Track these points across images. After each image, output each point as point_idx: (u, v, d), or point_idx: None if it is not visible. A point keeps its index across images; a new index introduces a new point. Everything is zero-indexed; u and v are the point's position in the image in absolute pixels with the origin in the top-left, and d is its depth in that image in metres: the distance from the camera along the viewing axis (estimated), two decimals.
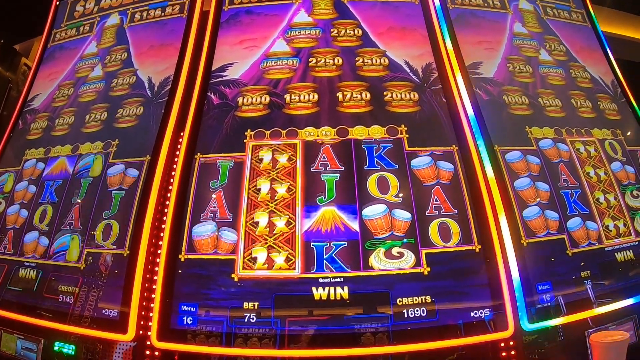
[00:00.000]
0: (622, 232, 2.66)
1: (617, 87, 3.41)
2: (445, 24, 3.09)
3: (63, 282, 2.48)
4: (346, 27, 3.06)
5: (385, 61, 2.91)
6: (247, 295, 2.20)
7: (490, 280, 2.24)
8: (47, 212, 2.74)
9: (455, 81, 2.84)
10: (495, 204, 2.42)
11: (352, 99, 2.74)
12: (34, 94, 3.46)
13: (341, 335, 2.13)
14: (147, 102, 2.93)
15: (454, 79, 2.84)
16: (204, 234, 2.37)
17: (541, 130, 2.83)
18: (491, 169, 2.53)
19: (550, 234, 2.47)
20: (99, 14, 3.59)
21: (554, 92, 3.09)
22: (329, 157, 2.53)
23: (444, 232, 2.33)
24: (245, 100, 2.77)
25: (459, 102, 2.75)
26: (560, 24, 3.56)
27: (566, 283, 2.37)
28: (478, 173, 2.49)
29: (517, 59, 3.16)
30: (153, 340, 2.17)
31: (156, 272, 2.31)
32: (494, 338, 2.16)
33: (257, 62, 2.94)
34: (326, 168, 2.50)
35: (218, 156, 2.58)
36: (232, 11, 3.19)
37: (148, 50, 3.19)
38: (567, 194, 2.64)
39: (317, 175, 2.49)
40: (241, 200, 2.44)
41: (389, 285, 2.20)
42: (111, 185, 2.65)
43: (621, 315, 2.42)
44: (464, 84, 2.83)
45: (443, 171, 2.51)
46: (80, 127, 3.02)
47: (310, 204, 2.41)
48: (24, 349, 2.47)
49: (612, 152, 2.96)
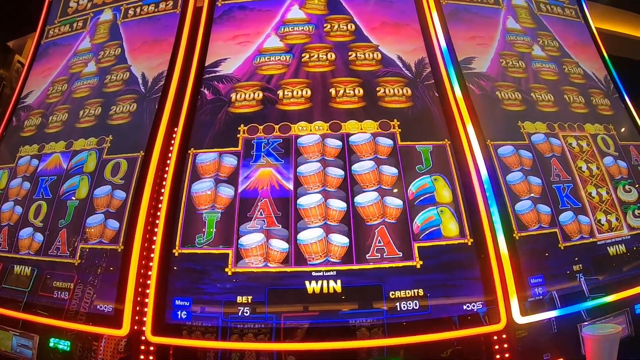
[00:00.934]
0: (614, 226, 2.68)
1: (609, 82, 3.43)
2: (438, 19, 3.09)
3: (58, 278, 2.48)
4: (339, 22, 3.06)
5: (378, 56, 2.91)
6: (241, 289, 2.21)
7: (483, 273, 2.25)
8: (42, 208, 2.74)
9: (448, 76, 2.84)
10: (488, 198, 2.43)
11: (345, 95, 2.74)
12: (28, 91, 3.45)
13: (335, 329, 2.14)
14: (141, 97, 2.92)
15: (447, 74, 2.85)
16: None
17: (534, 125, 2.84)
18: (483, 163, 2.54)
19: (543, 227, 2.48)
20: (92, 10, 3.58)
21: (547, 87, 3.10)
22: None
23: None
24: (238, 97, 2.77)
25: (452, 97, 2.75)
26: (553, 20, 3.58)
27: (558, 276, 2.38)
28: (470, 167, 2.50)
29: (510, 54, 3.17)
30: (148, 335, 2.17)
31: (150, 267, 2.31)
32: (486, 331, 2.17)
33: (250, 57, 2.93)
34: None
35: (211, 151, 2.59)
36: (226, 7, 3.18)
37: (141, 46, 3.18)
38: (560, 188, 2.65)
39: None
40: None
41: (381, 279, 2.21)
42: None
43: (614, 308, 2.43)
44: (457, 79, 2.84)
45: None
46: (74, 123, 3.01)
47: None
48: (19, 346, 2.47)
49: (605, 147, 2.98)
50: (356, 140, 2.57)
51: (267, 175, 2.49)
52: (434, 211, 2.38)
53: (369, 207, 2.37)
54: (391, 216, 2.37)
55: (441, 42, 2.99)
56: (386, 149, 2.56)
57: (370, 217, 2.36)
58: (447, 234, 2.33)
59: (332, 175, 2.46)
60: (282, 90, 2.77)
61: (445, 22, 3.10)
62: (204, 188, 2.47)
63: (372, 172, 2.47)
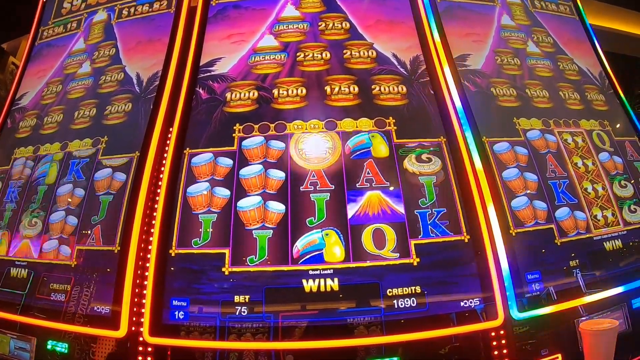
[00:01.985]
0: (610, 222, 2.68)
1: (604, 78, 3.44)
2: (433, 17, 3.09)
3: (55, 280, 2.47)
4: (334, 20, 3.06)
5: (373, 53, 2.92)
6: (238, 289, 2.21)
7: (480, 270, 2.26)
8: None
9: (443, 73, 2.85)
10: (484, 195, 2.44)
11: (340, 93, 2.74)
12: (22, 92, 3.44)
13: (333, 327, 2.14)
14: (136, 98, 2.92)
15: (442, 71, 2.85)
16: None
17: (529, 122, 2.85)
18: (479, 160, 2.54)
19: (539, 223, 2.49)
20: (86, 11, 3.57)
21: (542, 83, 3.11)
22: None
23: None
24: (233, 96, 2.77)
25: (447, 94, 2.76)
26: (548, 16, 3.59)
27: (555, 272, 2.39)
28: (466, 164, 2.50)
29: (505, 51, 3.18)
30: (145, 335, 2.17)
31: (147, 267, 2.31)
32: (483, 327, 2.17)
33: (245, 56, 2.93)
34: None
35: (207, 151, 2.58)
36: (220, 6, 3.18)
37: (136, 46, 3.17)
38: (555, 184, 2.66)
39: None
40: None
41: (378, 277, 2.21)
42: (98, 190, 2.65)
43: (611, 303, 2.44)
44: (452, 76, 2.84)
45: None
46: (69, 124, 3.00)
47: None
48: (17, 349, 2.46)
49: (600, 143, 2.98)
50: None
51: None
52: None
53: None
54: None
55: (436, 40, 3.00)
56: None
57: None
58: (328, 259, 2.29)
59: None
60: (277, 89, 2.77)
61: (439, 19, 3.11)
62: (200, 190, 2.47)
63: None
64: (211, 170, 2.52)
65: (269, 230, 2.33)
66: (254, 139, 2.59)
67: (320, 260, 2.25)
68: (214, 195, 2.44)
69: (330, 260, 2.25)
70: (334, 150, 2.54)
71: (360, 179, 2.45)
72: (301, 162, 2.51)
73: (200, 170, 2.53)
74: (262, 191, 2.43)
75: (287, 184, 2.45)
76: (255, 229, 2.34)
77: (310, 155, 2.53)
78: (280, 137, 2.60)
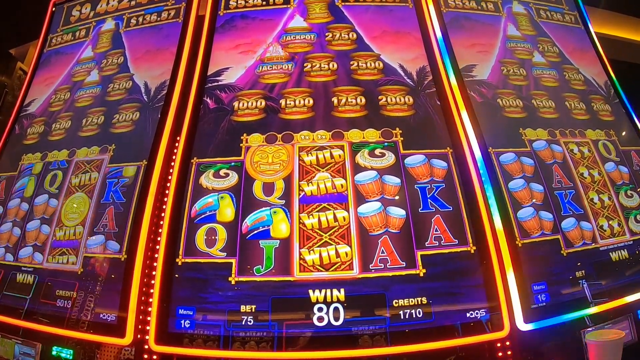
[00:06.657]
0: (616, 232, 2.68)
1: (610, 88, 3.43)
2: (439, 27, 3.11)
3: (60, 286, 2.48)
4: (341, 31, 3.08)
5: (379, 65, 2.93)
6: (244, 299, 2.21)
7: (486, 281, 2.26)
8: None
9: (449, 84, 2.86)
10: (490, 206, 2.44)
11: (347, 104, 2.76)
12: (30, 99, 3.46)
13: (338, 338, 2.13)
14: (144, 106, 2.94)
15: (448, 82, 2.87)
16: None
17: (535, 132, 2.85)
18: (486, 171, 2.55)
19: (545, 234, 2.49)
20: (94, 19, 3.60)
21: (548, 93, 3.11)
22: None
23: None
24: (241, 105, 2.79)
25: (453, 105, 2.77)
26: (553, 26, 3.59)
27: (561, 283, 2.39)
28: (472, 175, 2.51)
29: (511, 61, 3.19)
30: (151, 344, 2.18)
31: (153, 275, 2.32)
32: (489, 338, 2.17)
33: (252, 66, 2.95)
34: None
35: (214, 160, 2.60)
36: (228, 16, 3.21)
37: (144, 55, 3.20)
38: (561, 195, 2.65)
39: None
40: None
41: (384, 287, 2.21)
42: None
43: (617, 314, 2.43)
44: (458, 87, 2.86)
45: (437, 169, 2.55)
46: (77, 131, 3.02)
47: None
48: (21, 354, 2.47)
49: (606, 153, 2.98)
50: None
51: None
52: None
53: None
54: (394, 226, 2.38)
55: (442, 50, 3.01)
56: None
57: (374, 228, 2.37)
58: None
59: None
60: (284, 100, 2.79)
61: (446, 30, 3.12)
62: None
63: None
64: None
65: (276, 241, 2.34)
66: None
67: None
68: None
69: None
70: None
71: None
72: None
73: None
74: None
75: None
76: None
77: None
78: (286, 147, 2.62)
